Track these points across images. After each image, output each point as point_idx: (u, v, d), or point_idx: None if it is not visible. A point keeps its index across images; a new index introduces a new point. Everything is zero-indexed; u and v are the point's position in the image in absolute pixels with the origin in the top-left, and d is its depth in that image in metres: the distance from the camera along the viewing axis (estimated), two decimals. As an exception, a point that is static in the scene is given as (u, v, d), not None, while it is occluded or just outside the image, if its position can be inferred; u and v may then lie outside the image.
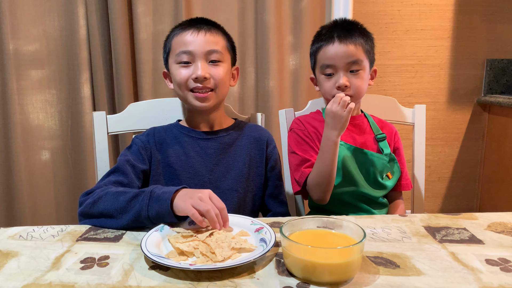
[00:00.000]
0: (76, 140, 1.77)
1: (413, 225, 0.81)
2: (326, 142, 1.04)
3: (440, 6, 1.99)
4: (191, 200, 0.75)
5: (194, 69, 1.00)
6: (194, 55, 1.00)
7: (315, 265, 0.58)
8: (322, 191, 1.07)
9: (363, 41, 1.11)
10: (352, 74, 1.09)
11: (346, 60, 1.08)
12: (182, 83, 1.01)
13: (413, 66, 2.04)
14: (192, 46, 1.00)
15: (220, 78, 1.02)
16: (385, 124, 1.24)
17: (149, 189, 0.82)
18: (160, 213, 0.77)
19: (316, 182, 1.07)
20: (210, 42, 1.01)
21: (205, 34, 1.01)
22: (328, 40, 1.10)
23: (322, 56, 1.12)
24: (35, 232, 0.79)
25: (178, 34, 1.03)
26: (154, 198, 0.78)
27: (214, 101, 1.03)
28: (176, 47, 1.03)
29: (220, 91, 1.03)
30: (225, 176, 1.03)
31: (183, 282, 0.59)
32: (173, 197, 0.78)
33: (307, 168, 1.11)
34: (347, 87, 1.08)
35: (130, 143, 1.06)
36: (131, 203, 0.80)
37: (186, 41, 1.01)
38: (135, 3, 1.66)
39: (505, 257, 0.66)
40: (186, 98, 1.03)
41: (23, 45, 1.70)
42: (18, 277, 0.61)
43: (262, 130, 1.14)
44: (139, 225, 0.80)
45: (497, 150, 1.97)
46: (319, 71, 1.14)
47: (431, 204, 2.17)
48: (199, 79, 0.99)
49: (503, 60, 2.03)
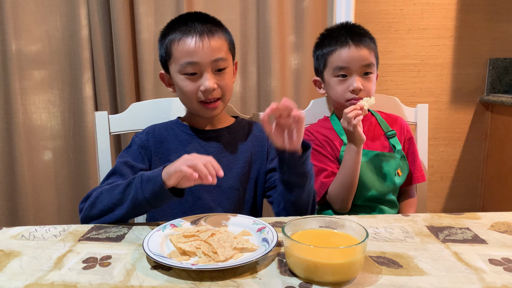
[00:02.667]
0: (79, 140, 1.78)
1: (416, 225, 0.81)
2: (348, 150, 1.07)
3: (443, 5, 1.98)
4: (177, 163, 0.76)
5: (202, 80, 0.97)
6: (200, 66, 0.97)
7: (318, 265, 0.58)
8: (345, 200, 1.10)
9: (373, 45, 1.14)
10: (365, 77, 1.12)
11: (361, 63, 1.10)
12: (191, 96, 1.00)
13: (415, 65, 2.03)
14: (197, 57, 0.96)
15: (227, 87, 1.01)
16: (393, 119, 1.24)
17: (139, 174, 0.83)
18: (154, 191, 0.78)
19: (339, 192, 1.09)
20: (216, 50, 0.97)
21: (209, 41, 0.96)
22: (342, 44, 1.12)
23: (336, 58, 1.13)
24: (37, 232, 0.79)
25: (180, 41, 0.97)
26: (145, 179, 0.79)
27: (221, 108, 1.03)
28: (179, 56, 0.98)
29: (227, 98, 1.03)
30: (226, 175, 1.03)
31: (185, 282, 0.59)
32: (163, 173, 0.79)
33: (326, 179, 1.13)
34: (361, 90, 1.11)
35: (129, 143, 1.06)
36: (126, 192, 0.81)
37: (190, 50, 0.96)
38: (137, 3, 1.67)
39: (508, 257, 0.66)
40: (194, 109, 1.03)
41: (25, 46, 1.70)
42: (20, 277, 0.61)
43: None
44: (140, 211, 0.81)
45: (500, 149, 1.97)
46: (330, 74, 1.15)
47: (434, 204, 2.16)
48: (208, 91, 0.97)
49: (506, 59, 2.02)
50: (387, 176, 1.14)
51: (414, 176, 1.22)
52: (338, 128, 1.18)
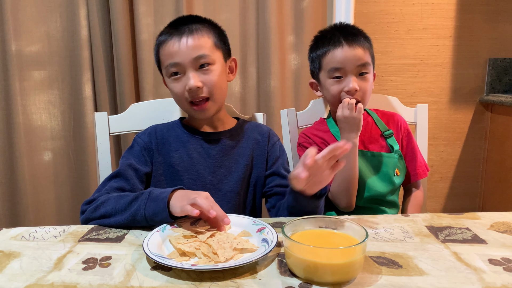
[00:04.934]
0: (78, 141, 1.78)
1: (415, 225, 0.81)
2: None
3: (442, 5, 1.98)
4: (187, 200, 0.76)
5: (185, 80, 0.97)
6: (182, 65, 0.97)
7: (317, 265, 0.58)
8: (349, 196, 1.09)
9: (368, 45, 1.12)
10: (360, 77, 1.10)
11: (355, 63, 1.08)
12: (179, 96, 1.00)
13: (415, 65, 2.03)
14: (178, 57, 0.96)
15: (214, 84, 0.98)
16: (390, 117, 1.23)
17: (148, 190, 0.83)
18: (156, 212, 0.78)
19: (342, 188, 1.08)
20: (195, 47, 0.96)
21: (187, 40, 0.96)
22: (335, 44, 1.10)
23: (330, 59, 1.11)
24: (37, 233, 0.79)
25: (163, 44, 0.99)
26: (152, 198, 0.79)
27: (213, 109, 1.01)
28: (164, 59, 1.00)
29: (217, 97, 1.00)
30: (227, 178, 1.03)
31: (185, 283, 0.59)
32: (170, 196, 0.79)
33: None
34: (357, 91, 1.09)
35: (131, 143, 1.06)
36: (131, 205, 0.81)
37: (171, 52, 0.97)
38: (136, 3, 1.67)
39: (508, 257, 0.66)
40: (187, 110, 1.03)
41: (25, 46, 1.70)
42: (20, 278, 0.61)
43: (263, 128, 1.12)
44: (134, 224, 0.80)
45: (500, 149, 1.97)
46: (325, 75, 1.13)
47: (434, 204, 2.16)
48: (192, 89, 0.96)
49: (505, 59, 2.02)
50: (386, 177, 1.14)
51: (416, 172, 1.20)
52: (334, 130, 1.18)
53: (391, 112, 1.25)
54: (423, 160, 1.23)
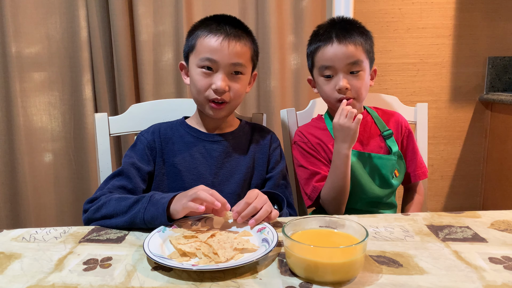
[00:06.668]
0: (79, 142, 1.78)
1: (416, 224, 0.81)
2: (338, 155, 1.02)
3: (441, 4, 1.98)
4: (186, 198, 0.76)
5: (215, 79, 0.98)
6: (218, 64, 0.98)
7: (318, 264, 0.58)
8: (338, 204, 1.06)
9: (362, 40, 1.07)
10: (352, 75, 1.06)
11: (346, 61, 1.04)
12: (202, 91, 1.00)
13: (414, 64, 2.03)
14: (217, 55, 0.97)
15: (237, 93, 1.01)
16: (390, 116, 1.20)
17: (149, 194, 0.83)
18: (154, 216, 0.78)
19: (331, 196, 1.05)
20: (237, 55, 0.98)
21: (234, 45, 0.98)
22: (326, 41, 1.06)
23: (320, 57, 1.08)
24: (38, 234, 0.79)
25: (206, 36, 0.99)
26: (153, 202, 0.79)
27: (227, 112, 1.03)
28: (201, 49, 0.99)
29: (234, 103, 1.03)
30: (229, 180, 1.03)
31: (186, 283, 0.59)
32: (171, 201, 0.79)
33: (318, 183, 1.09)
34: (348, 89, 1.05)
35: (134, 141, 1.06)
36: (132, 208, 0.81)
37: (212, 47, 0.97)
38: (136, 4, 1.67)
39: (508, 255, 0.66)
40: (201, 104, 1.03)
41: (25, 48, 1.70)
42: (21, 279, 0.61)
43: (265, 131, 1.12)
44: (134, 226, 0.80)
45: (500, 147, 1.97)
46: (317, 73, 1.11)
47: (434, 203, 2.16)
48: (218, 90, 0.98)
49: (505, 58, 2.02)
50: (384, 179, 1.11)
51: (416, 173, 1.18)
52: (332, 127, 1.16)
53: (391, 111, 1.23)
54: (423, 162, 1.22)
